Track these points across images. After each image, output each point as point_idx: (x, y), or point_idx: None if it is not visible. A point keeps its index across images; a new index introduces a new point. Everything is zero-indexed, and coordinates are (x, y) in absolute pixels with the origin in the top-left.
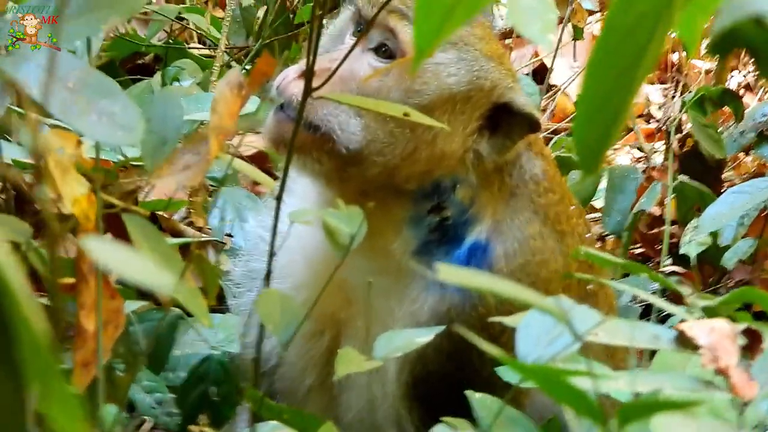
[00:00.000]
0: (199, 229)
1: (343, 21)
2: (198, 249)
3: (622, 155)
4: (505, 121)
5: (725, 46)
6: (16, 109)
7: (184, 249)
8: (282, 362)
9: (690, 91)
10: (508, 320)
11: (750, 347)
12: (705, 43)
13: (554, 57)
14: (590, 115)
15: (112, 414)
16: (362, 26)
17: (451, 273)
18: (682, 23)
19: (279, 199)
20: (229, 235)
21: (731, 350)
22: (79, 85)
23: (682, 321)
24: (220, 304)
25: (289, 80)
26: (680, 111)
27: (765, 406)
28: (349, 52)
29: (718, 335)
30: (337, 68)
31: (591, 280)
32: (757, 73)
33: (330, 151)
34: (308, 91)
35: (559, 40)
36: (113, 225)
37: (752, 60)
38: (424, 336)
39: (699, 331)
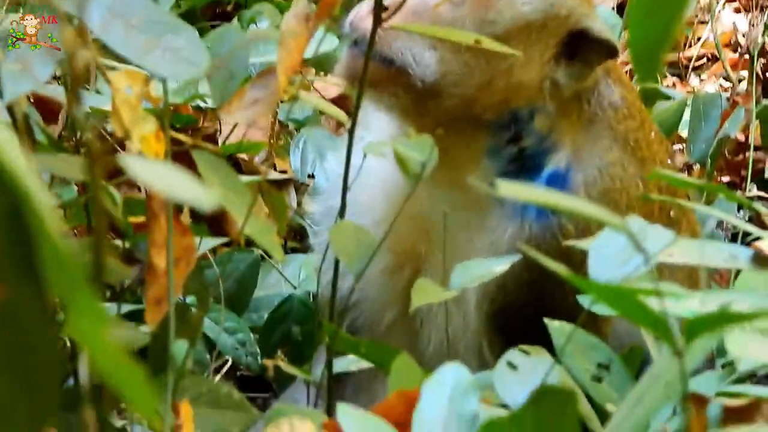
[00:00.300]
0: (282, 172)
1: None
2: (278, 189)
3: (709, 85)
4: (582, 48)
5: None
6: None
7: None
8: (362, 298)
9: None
10: (582, 244)
11: None
12: None
13: None
14: (645, 15)
15: (183, 349)
16: None
17: (510, 188)
18: None
19: (351, 132)
20: (312, 176)
21: None
22: (142, 23)
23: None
24: (302, 243)
25: (362, 15)
26: (763, 34)
27: None
28: None
29: None
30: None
31: (669, 201)
32: None
33: (405, 85)
34: (377, 22)
35: None
36: (185, 164)
37: None
38: (501, 264)
39: None
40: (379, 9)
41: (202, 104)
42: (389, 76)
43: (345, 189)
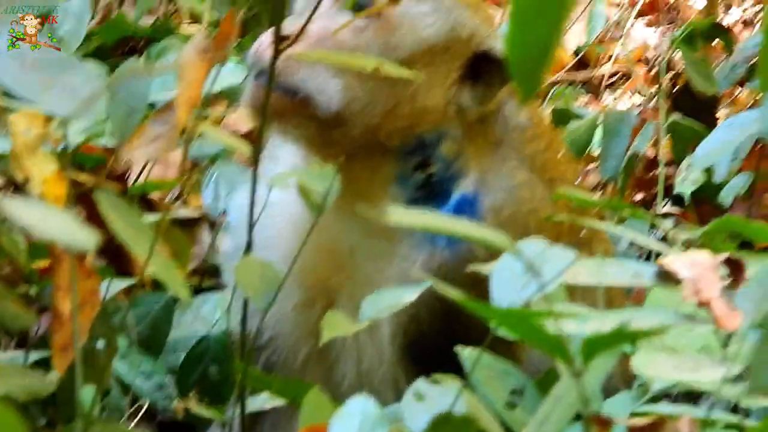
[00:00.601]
0: (197, 208)
1: None
2: (190, 227)
3: (622, 102)
4: (485, 70)
5: None
6: None
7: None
8: (276, 334)
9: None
10: (485, 269)
11: (734, 277)
12: None
13: None
14: (523, 27)
15: (91, 395)
16: None
17: (401, 214)
18: None
19: (255, 165)
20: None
21: (713, 282)
22: (39, 63)
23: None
24: (217, 281)
25: (264, 46)
26: (669, 48)
27: (749, 336)
28: (315, 9)
29: (699, 267)
30: (305, 25)
31: (575, 221)
32: (756, 7)
33: (310, 114)
34: (277, 52)
35: None
36: (86, 204)
37: None
38: (411, 293)
39: (680, 264)
40: (278, 39)
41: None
42: (293, 106)
43: (251, 224)
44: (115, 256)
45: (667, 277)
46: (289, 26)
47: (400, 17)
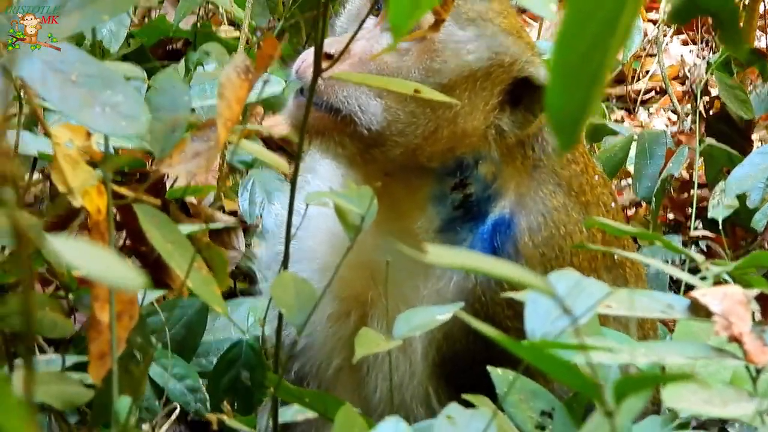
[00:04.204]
0: (231, 213)
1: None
2: (226, 234)
3: (657, 119)
4: (526, 95)
5: (686, 13)
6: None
7: (212, 233)
8: (309, 345)
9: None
10: (518, 295)
11: (764, 312)
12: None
13: None
14: (564, 85)
15: (126, 405)
16: (380, 4)
17: (441, 254)
18: None
19: (293, 182)
20: (261, 217)
21: (744, 316)
22: (81, 78)
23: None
24: (251, 285)
25: (307, 63)
26: (706, 72)
27: None
28: (358, 29)
29: (730, 302)
30: (346, 47)
31: (604, 250)
32: None
33: (351, 134)
34: (318, 71)
35: None
36: (127, 215)
37: (713, 27)
38: (445, 313)
39: (711, 298)
40: (318, 60)
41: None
42: (335, 125)
43: (288, 239)
44: (154, 267)
45: (698, 310)
46: (332, 45)
47: (443, 42)
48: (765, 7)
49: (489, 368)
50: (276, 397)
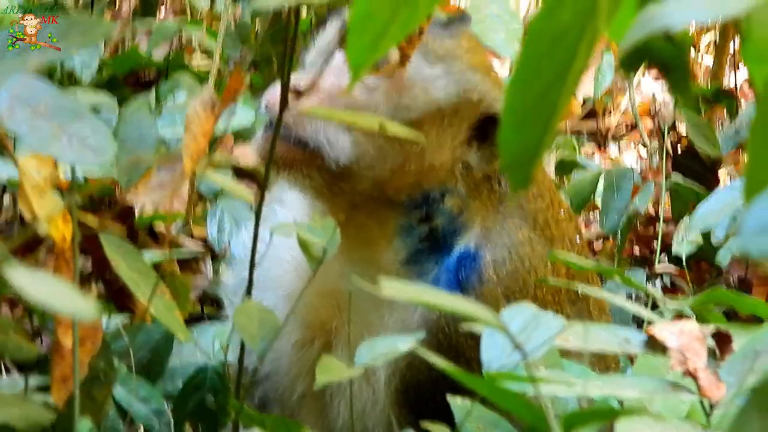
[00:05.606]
0: (201, 240)
1: (331, 35)
2: (194, 259)
3: (627, 153)
4: (492, 131)
5: (635, 60)
6: None
7: (180, 259)
8: (273, 370)
9: None
10: (476, 327)
11: (720, 348)
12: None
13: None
14: (517, 126)
15: (86, 427)
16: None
17: (397, 289)
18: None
19: (257, 214)
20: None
21: (700, 352)
22: (49, 110)
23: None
24: (219, 310)
25: (275, 98)
26: (674, 109)
27: (733, 407)
28: (324, 63)
29: (687, 337)
30: (313, 82)
31: (564, 284)
32: None
33: (320, 167)
34: (284, 107)
35: None
36: (92, 243)
37: (662, 74)
38: (407, 343)
39: (668, 333)
40: (285, 95)
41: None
42: (303, 158)
43: (252, 268)
44: (118, 293)
45: (655, 345)
46: (300, 80)
47: (412, 79)
48: (734, 46)
49: (448, 397)
50: (237, 422)
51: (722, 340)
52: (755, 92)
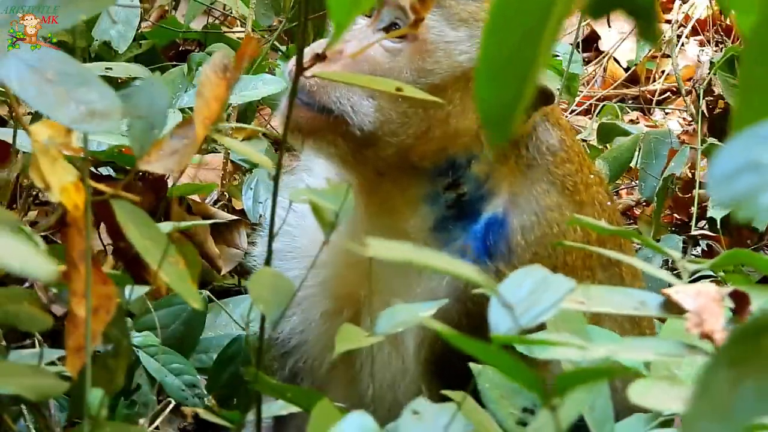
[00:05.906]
0: (237, 211)
1: None
2: (228, 231)
3: (672, 120)
4: None
5: (602, 7)
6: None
7: (215, 231)
8: (303, 341)
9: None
10: (491, 291)
11: (738, 309)
12: None
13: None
14: (493, 79)
15: (98, 398)
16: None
17: (379, 248)
18: None
19: (276, 181)
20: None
21: (717, 313)
22: (58, 76)
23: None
24: None
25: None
26: (709, 71)
27: None
28: (340, 31)
29: (704, 299)
30: (328, 46)
31: (586, 249)
32: None
33: (344, 134)
34: (299, 71)
35: None
36: (104, 212)
37: (631, 20)
38: (428, 309)
39: (685, 295)
40: (300, 60)
41: None
42: (328, 125)
43: (271, 237)
44: (132, 263)
45: (672, 308)
46: (323, 45)
47: (435, 43)
48: None
49: (471, 365)
50: (258, 393)
51: (740, 301)
52: (743, 38)
